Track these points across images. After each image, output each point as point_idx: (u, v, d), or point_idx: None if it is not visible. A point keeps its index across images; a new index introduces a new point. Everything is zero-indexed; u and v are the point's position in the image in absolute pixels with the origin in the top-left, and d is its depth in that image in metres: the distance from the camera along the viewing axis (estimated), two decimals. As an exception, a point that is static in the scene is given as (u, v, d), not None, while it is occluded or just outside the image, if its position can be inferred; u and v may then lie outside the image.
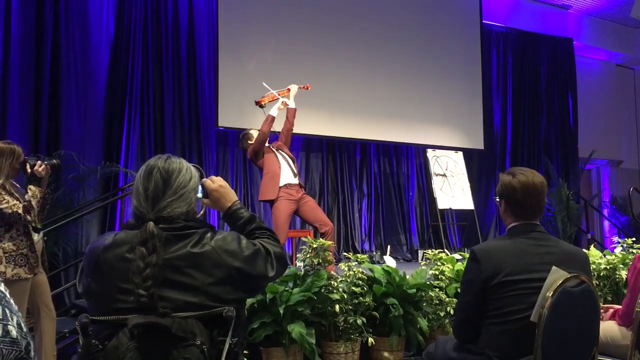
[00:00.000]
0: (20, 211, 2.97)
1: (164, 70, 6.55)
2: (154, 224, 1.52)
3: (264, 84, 5.10)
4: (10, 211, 2.96)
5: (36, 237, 3.18)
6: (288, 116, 4.99)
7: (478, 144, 8.59)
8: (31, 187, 3.06)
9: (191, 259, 1.51)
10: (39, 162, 3.11)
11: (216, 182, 1.82)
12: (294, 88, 5.04)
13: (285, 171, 4.75)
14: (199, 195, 1.75)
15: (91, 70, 6.11)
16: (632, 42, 10.86)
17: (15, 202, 2.99)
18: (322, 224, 4.75)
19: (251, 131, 4.97)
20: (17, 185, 3.19)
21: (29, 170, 3.09)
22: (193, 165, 1.70)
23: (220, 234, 1.60)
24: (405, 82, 7.89)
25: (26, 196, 3.04)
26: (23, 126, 5.64)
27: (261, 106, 5.10)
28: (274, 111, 4.87)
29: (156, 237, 1.49)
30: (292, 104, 4.99)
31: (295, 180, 4.77)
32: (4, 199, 2.97)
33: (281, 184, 4.70)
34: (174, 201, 1.58)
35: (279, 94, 5.04)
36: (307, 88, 5.23)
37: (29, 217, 3.01)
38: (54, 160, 3.26)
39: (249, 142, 4.90)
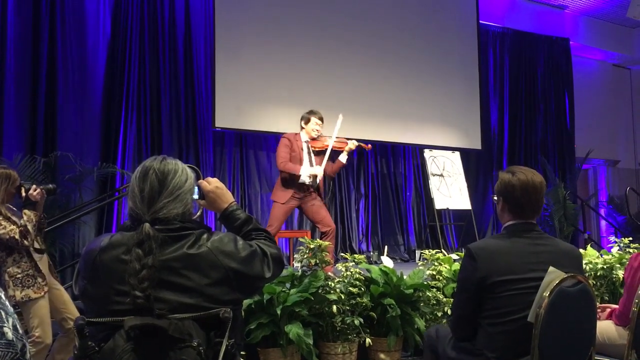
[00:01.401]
0: (17, 236, 2.98)
1: (161, 70, 6.53)
2: (150, 226, 1.52)
3: (334, 134, 4.90)
4: (7, 236, 2.97)
5: (38, 255, 3.18)
6: (334, 167, 4.94)
7: (475, 144, 8.60)
8: (26, 211, 3.07)
9: (187, 260, 1.51)
10: (34, 186, 3.12)
11: (212, 183, 1.82)
12: (351, 144, 4.89)
13: (303, 171, 4.76)
14: (195, 196, 1.74)
15: (88, 71, 6.09)
16: (629, 42, 10.89)
17: (12, 227, 3.00)
18: (323, 224, 4.79)
19: (307, 126, 4.89)
20: (14, 208, 3.19)
21: (23, 194, 3.10)
22: (189, 166, 1.70)
23: (216, 235, 1.60)
24: (402, 83, 7.89)
25: (21, 221, 3.05)
26: (20, 127, 5.63)
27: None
28: (310, 170, 4.77)
29: (152, 239, 1.49)
30: (343, 158, 4.91)
31: (307, 181, 4.79)
32: (1, 225, 2.98)
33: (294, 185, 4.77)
34: (169, 202, 1.58)
35: (334, 147, 4.86)
36: (369, 148, 5.08)
37: (26, 242, 3.02)
38: (50, 185, 3.27)
39: (302, 123, 4.91)
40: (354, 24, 7.55)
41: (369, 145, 5.10)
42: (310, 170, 4.77)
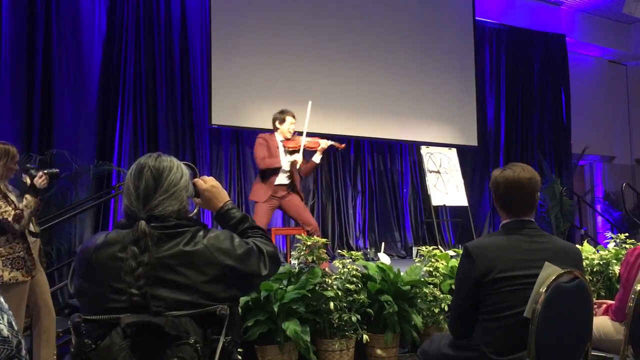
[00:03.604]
0: (10, 219, 2.96)
1: (157, 68, 6.51)
2: (146, 223, 1.51)
3: (303, 134, 4.86)
4: (0, 217, 2.95)
5: (32, 238, 3.17)
6: (308, 167, 4.91)
7: (471, 140, 8.60)
8: (27, 196, 3.05)
9: (184, 257, 1.51)
10: (40, 172, 3.11)
11: (208, 182, 1.82)
12: (323, 144, 4.83)
13: (281, 173, 4.79)
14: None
15: (83, 69, 6.07)
16: (625, 38, 10.89)
17: (7, 208, 2.98)
18: (305, 223, 4.84)
19: (281, 126, 4.86)
20: (10, 186, 3.18)
21: (28, 181, 3.08)
22: (185, 163, 1.70)
23: (212, 232, 1.60)
24: (399, 79, 7.89)
25: (20, 205, 3.03)
26: (15, 125, 5.60)
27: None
28: (285, 164, 4.77)
29: (148, 236, 1.49)
30: (317, 158, 4.88)
31: (286, 182, 4.83)
32: None
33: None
34: (165, 199, 1.57)
35: (306, 146, 4.83)
36: (342, 147, 4.98)
37: (17, 226, 2.99)
38: (54, 170, 3.26)
39: (276, 124, 4.89)
40: (349, 21, 7.54)
41: (343, 145, 5.01)
42: (289, 159, 4.80)
